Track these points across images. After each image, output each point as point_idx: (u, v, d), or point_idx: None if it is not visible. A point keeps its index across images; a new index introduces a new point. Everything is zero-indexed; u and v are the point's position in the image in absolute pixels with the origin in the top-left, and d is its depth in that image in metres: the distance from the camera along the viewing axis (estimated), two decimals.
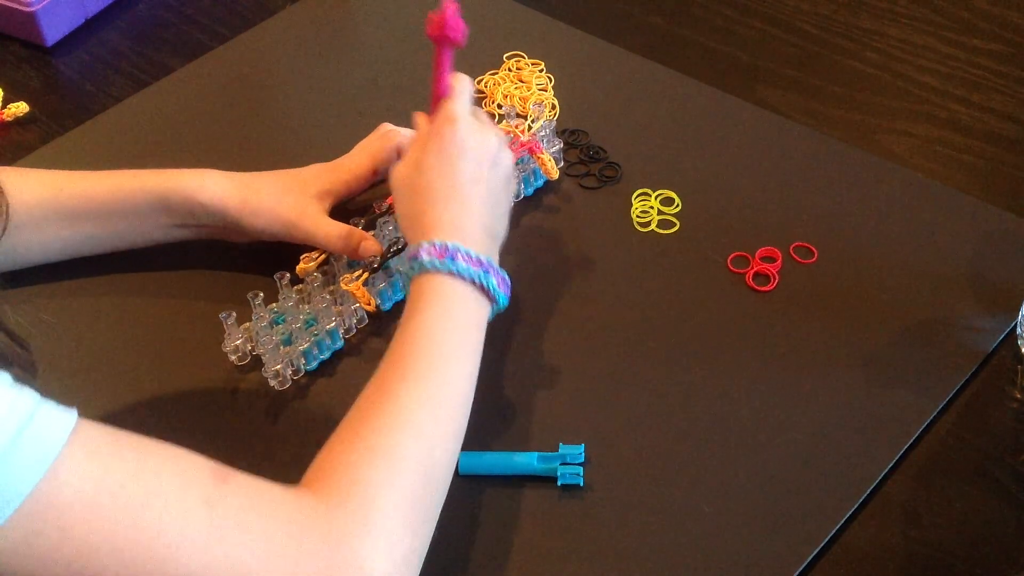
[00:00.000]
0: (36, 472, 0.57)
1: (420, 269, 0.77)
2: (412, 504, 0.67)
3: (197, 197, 0.90)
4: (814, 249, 0.94)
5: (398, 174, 0.84)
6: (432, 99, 0.86)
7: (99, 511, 0.59)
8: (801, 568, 0.75)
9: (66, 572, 0.59)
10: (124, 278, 0.95)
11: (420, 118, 0.86)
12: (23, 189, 0.89)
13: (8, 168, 0.96)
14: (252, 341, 0.88)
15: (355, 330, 0.91)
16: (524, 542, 0.77)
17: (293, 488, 0.66)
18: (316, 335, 0.87)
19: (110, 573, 0.59)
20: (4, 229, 0.73)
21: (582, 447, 0.81)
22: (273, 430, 0.85)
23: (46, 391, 0.61)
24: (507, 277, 0.80)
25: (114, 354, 0.91)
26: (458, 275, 0.77)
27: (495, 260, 0.80)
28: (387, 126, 0.96)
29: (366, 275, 0.89)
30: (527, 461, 0.80)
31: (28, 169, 0.93)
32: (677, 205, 0.98)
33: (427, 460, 0.70)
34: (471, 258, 0.77)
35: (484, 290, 0.78)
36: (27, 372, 0.63)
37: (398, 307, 0.92)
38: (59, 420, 0.59)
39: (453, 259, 0.76)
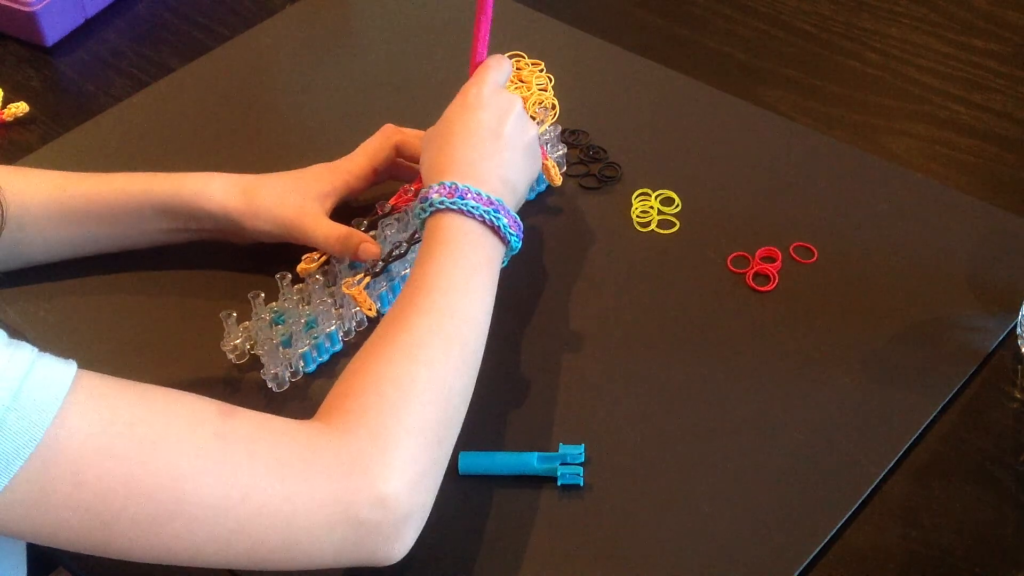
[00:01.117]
0: (43, 420, 0.58)
1: (431, 208, 0.79)
2: (425, 429, 0.68)
3: (200, 201, 0.90)
4: (814, 249, 0.94)
5: (427, 132, 0.87)
6: (471, 67, 0.89)
7: (110, 453, 0.60)
8: (801, 568, 0.75)
9: (84, 517, 0.60)
10: (125, 276, 0.95)
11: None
12: (27, 189, 0.89)
13: (12, 168, 0.96)
14: (251, 340, 0.88)
15: (355, 333, 0.91)
16: (524, 542, 0.77)
17: (304, 420, 0.68)
18: (316, 337, 0.87)
19: (128, 514, 0.60)
20: (1, 227, 0.73)
21: (582, 447, 0.81)
22: None
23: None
24: (520, 221, 0.81)
25: (113, 352, 0.91)
26: (468, 213, 0.78)
27: (508, 205, 0.81)
28: (390, 127, 0.96)
29: (367, 279, 0.89)
30: (527, 461, 0.80)
31: (32, 169, 0.94)
32: (677, 205, 0.98)
33: (440, 388, 0.71)
34: (481, 197, 0.79)
35: (495, 230, 0.79)
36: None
37: None
38: (60, 369, 0.60)
39: (463, 197, 0.78)
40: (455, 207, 0.78)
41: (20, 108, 1.12)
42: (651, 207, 0.98)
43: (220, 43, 1.20)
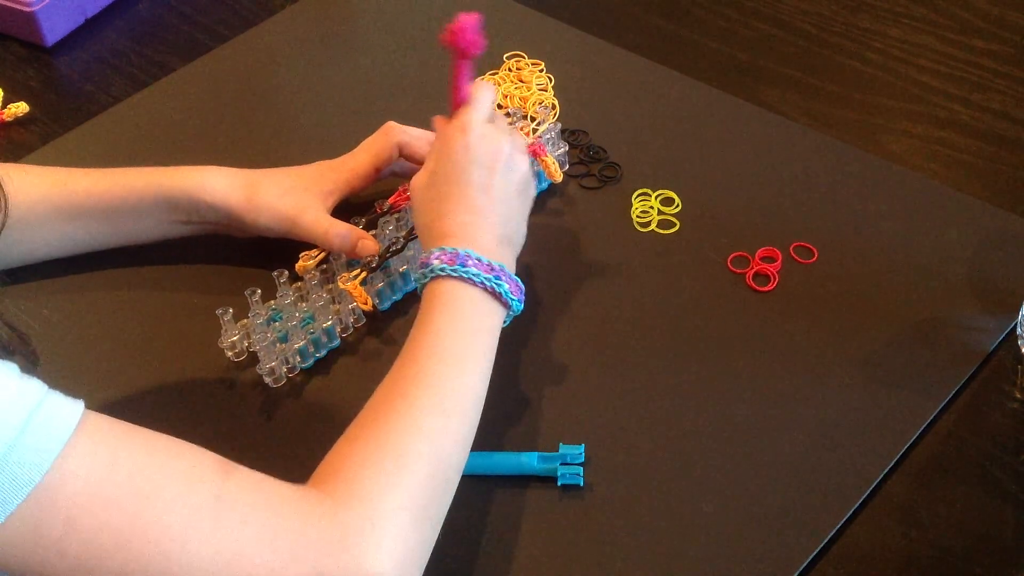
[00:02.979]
0: (44, 461, 0.58)
1: (432, 275, 0.78)
2: (418, 505, 0.68)
3: (201, 195, 0.90)
4: (814, 249, 0.94)
5: (415, 184, 0.84)
6: (451, 107, 0.86)
7: (105, 502, 0.59)
8: (801, 568, 0.75)
9: (73, 563, 0.59)
10: (124, 272, 0.96)
11: (439, 122, 0.86)
12: (28, 185, 0.89)
13: (13, 165, 0.96)
14: (249, 337, 0.88)
15: (352, 329, 0.91)
16: (524, 542, 0.77)
17: (299, 486, 0.67)
18: (312, 333, 0.87)
19: (115, 564, 0.60)
20: (2, 224, 0.73)
21: (582, 447, 0.81)
22: (268, 427, 0.85)
23: (47, 384, 0.61)
24: (521, 283, 0.80)
25: (113, 348, 0.91)
26: (469, 280, 0.77)
27: (509, 266, 0.80)
28: (393, 125, 0.96)
29: (364, 274, 0.89)
30: (527, 461, 0.80)
31: (33, 166, 0.94)
32: (677, 205, 0.98)
33: (435, 462, 0.70)
34: (482, 263, 0.78)
35: (496, 295, 0.78)
36: (30, 364, 0.63)
37: (396, 307, 0.92)
38: (67, 410, 0.60)
39: (464, 264, 0.77)
40: (456, 274, 0.77)
41: (20, 108, 1.12)
42: (651, 207, 0.98)
43: (220, 43, 1.20)
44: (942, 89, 1.10)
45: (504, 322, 0.80)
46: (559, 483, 0.79)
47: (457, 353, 0.75)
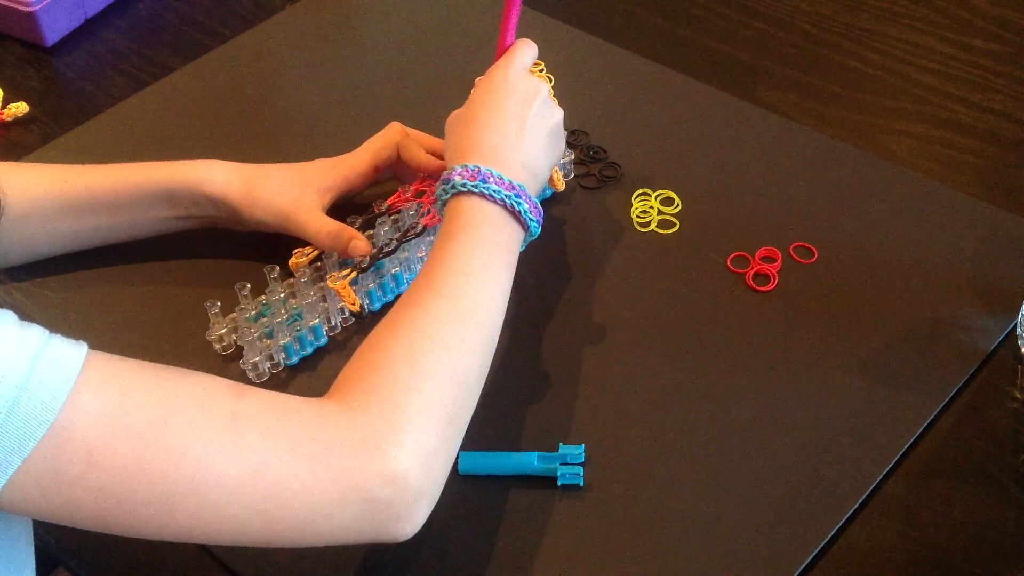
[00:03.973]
0: (56, 400, 0.58)
1: (453, 190, 0.79)
2: (438, 409, 0.68)
3: (202, 188, 0.90)
4: (814, 249, 0.94)
5: (452, 116, 0.87)
6: (497, 51, 0.89)
7: (123, 433, 0.60)
8: (801, 568, 0.75)
9: (98, 496, 0.60)
10: (119, 266, 0.96)
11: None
12: (28, 183, 0.90)
13: (13, 163, 0.96)
14: (236, 331, 0.89)
15: (340, 328, 0.91)
16: (524, 542, 0.77)
17: (315, 398, 0.68)
18: (299, 330, 0.88)
19: (141, 493, 0.60)
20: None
21: (582, 447, 0.81)
22: None
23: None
24: (540, 207, 0.82)
25: (104, 340, 0.90)
26: (489, 197, 0.79)
27: (530, 191, 0.82)
28: (396, 125, 0.96)
29: (354, 274, 0.89)
30: (527, 461, 0.80)
31: (33, 164, 0.94)
32: (677, 205, 0.98)
33: (454, 369, 0.71)
34: (503, 181, 0.79)
35: (515, 214, 0.79)
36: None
37: (386, 307, 0.92)
38: (71, 350, 0.60)
39: (485, 181, 0.79)
40: (476, 190, 0.79)
41: (20, 108, 1.12)
42: (651, 207, 0.98)
43: (220, 43, 1.20)
44: (942, 89, 1.10)
45: (522, 246, 0.81)
46: (559, 483, 0.79)
47: (475, 267, 0.76)
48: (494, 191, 0.79)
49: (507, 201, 0.79)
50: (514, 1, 0.88)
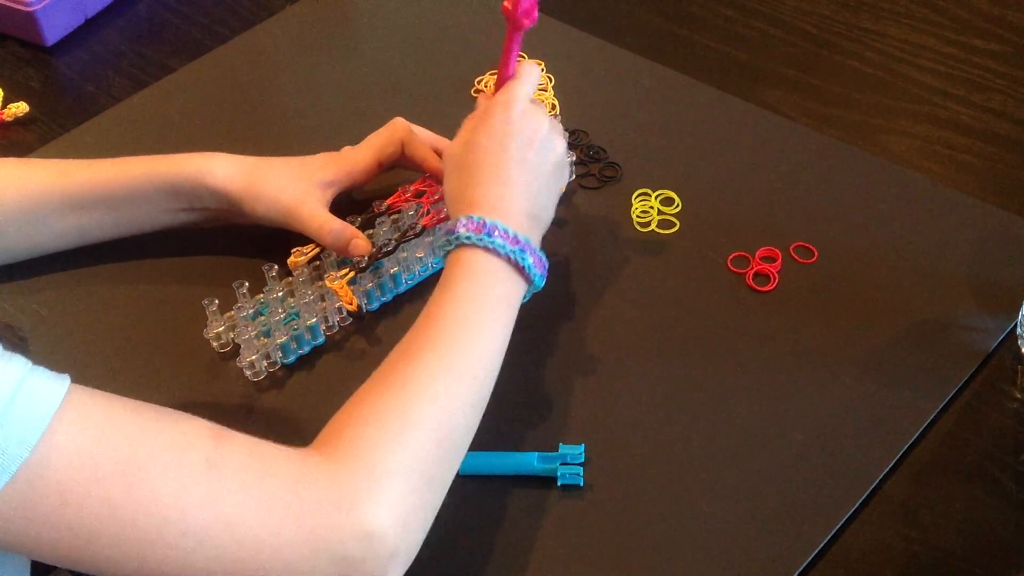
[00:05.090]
0: (31, 436, 0.57)
1: (456, 242, 0.78)
2: (421, 467, 0.67)
3: (205, 180, 0.90)
4: (814, 249, 0.94)
5: (450, 151, 0.85)
6: (497, 80, 0.87)
7: (96, 474, 0.59)
8: (801, 568, 0.75)
9: (67, 535, 0.59)
10: (119, 263, 0.96)
11: (482, 98, 0.87)
12: (30, 179, 0.90)
13: (15, 159, 0.96)
14: (233, 329, 0.89)
15: (338, 327, 0.91)
16: (524, 542, 0.77)
17: (297, 448, 0.67)
18: (296, 329, 0.88)
19: (110, 535, 0.60)
20: None
21: (582, 447, 0.81)
22: (247, 420, 0.85)
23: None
24: (545, 260, 0.81)
25: (102, 340, 0.91)
26: (493, 250, 0.77)
27: (535, 242, 0.81)
28: (400, 121, 0.96)
29: (352, 274, 0.89)
30: (527, 461, 0.80)
31: (34, 159, 0.94)
32: (677, 205, 0.98)
33: (441, 426, 0.69)
34: (508, 235, 0.78)
35: (519, 269, 0.78)
36: (18, 350, 0.63)
37: (386, 308, 0.92)
38: (52, 385, 0.60)
39: (490, 234, 0.77)
40: (481, 244, 0.77)
41: (20, 108, 1.12)
42: (651, 207, 0.98)
43: (220, 43, 1.20)
44: (942, 89, 1.10)
45: (524, 297, 0.80)
46: (559, 483, 0.79)
47: (473, 321, 0.75)
48: (499, 245, 0.77)
49: (512, 256, 0.77)
50: (517, 31, 0.85)
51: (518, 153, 0.82)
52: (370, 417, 0.68)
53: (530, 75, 0.86)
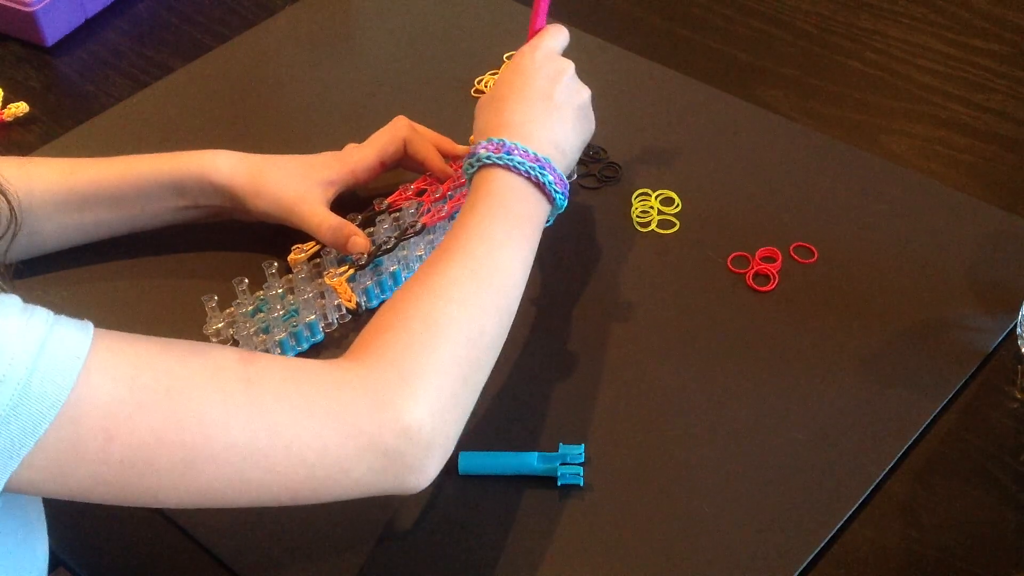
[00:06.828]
0: (67, 380, 0.58)
1: (479, 164, 0.80)
2: (452, 367, 0.69)
3: (209, 177, 0.91)
4: (814, 249, 0.94)
5: (481, 99, 0.87)
6: (528, 35, 0.89)
7: (138, 406, 0.60)
8: (801, 568, 0.75)
9: (118, 469, 0.60)
10: (120, 261, 0.96)
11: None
12: (33, 177, 0.90)
13: (18, 158, 0.97)
14: (233, 326, 0.89)
15: (336, 325, 0.91)
16: (524, 542, 0.77)
17: (329, 360, 0.69)
18: (295, 326, 0.88)
19: (160, 463, 0.61)
20: (15, 227, 0.73)
21: (582, 447, 0.81)
22: None
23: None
24: (566, 180, 0.82)
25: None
26: (514, 168, 0.79)
27: (556, 164, 0.82)
28: (402, 119, 0.96)
29: (351, 271, 0.89)
30: (527, 461, 0.80)
31: (38, 158, 0.94)
32: (677, 205, 0.98)
33: (470, 327, 0.71)
34: (528, 154, 0.79)
35: (540, 186, 0.80)
36: None
37: None
38: (79, 330, 0.60)
39: (509, 153, 0.79)
40: (501, 162, 0.79)
41: (20, 108, 1.12)
42: (651, 207, 0.98)
43: (220, 43, 1.20)
44: (942, 89, 1.10)
45: (548, 220, 0.82)
46: (559, 483, 0.79)
47: (496, 235, 0.76)
48: (518, 163, 0.79)
49: (531, 173, 0.79)
50: None
51: (541, 86, 0.85)
52: (399, 323, 0.70)
53: (558, 30, 0.89)
